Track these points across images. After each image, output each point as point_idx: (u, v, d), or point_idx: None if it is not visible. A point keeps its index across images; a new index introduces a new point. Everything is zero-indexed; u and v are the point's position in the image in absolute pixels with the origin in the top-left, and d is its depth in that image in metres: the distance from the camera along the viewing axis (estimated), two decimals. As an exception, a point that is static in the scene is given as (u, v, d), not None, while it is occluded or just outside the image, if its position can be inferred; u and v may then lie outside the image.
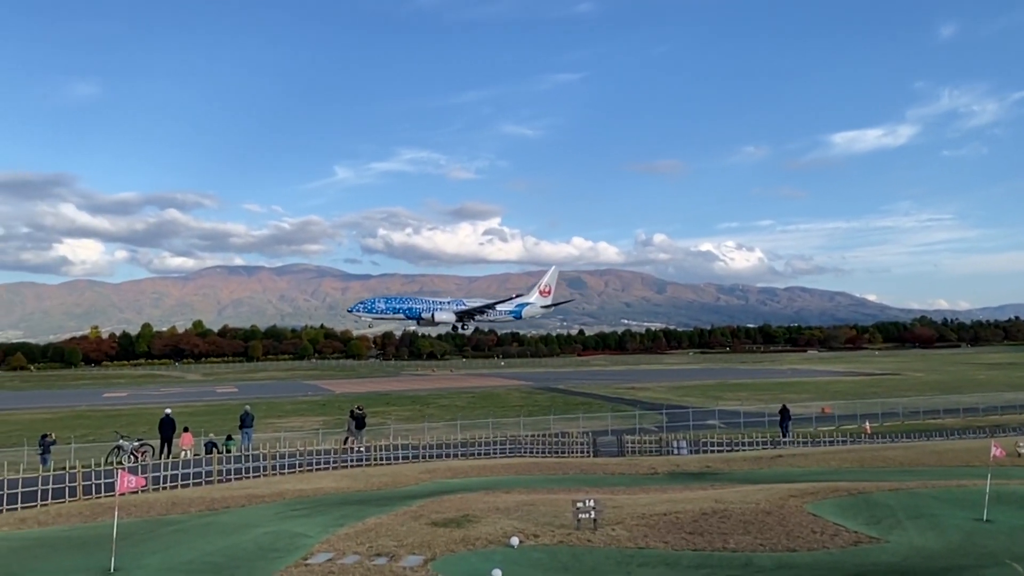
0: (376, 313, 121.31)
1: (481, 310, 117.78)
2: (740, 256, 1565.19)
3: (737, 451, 32.90)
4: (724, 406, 59.28)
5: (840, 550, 10.98)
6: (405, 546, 11.68)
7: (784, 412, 40.93)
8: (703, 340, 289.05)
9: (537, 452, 33.28)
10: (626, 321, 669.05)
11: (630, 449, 35.18)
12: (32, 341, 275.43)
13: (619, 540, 11.64)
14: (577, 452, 34.13)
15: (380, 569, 10.41)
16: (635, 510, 13.86)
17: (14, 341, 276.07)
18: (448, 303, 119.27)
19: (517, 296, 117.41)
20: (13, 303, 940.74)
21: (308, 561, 11.10)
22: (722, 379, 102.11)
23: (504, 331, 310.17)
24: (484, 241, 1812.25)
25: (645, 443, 35.86)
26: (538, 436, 35.15)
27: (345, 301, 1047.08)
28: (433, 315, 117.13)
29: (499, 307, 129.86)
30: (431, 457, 30.55)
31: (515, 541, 11.58)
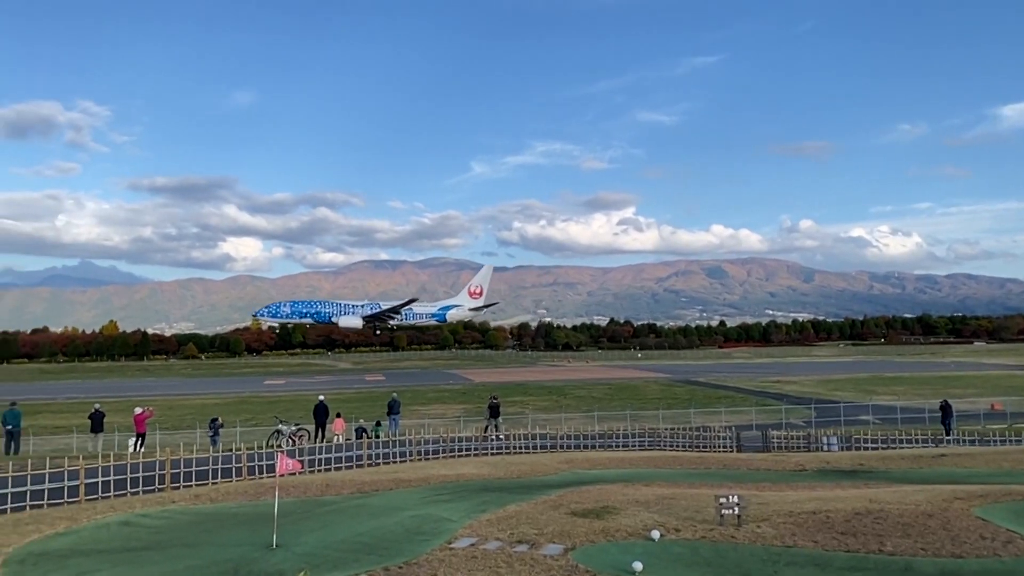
0: (281, 317, 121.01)
1: (390, 314, 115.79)
2: (895, 241, 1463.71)
3: (893, 449, 30.89)
4: (879, 401, 55.80)
5: (1014, 558, 10.07)
6: (545, 534, 11.83)
7: (946, 408, 38.02)
8: (855, 331, 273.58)
9: (677, 445, 32.70)
10: (770, 311, 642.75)
11: (776, 444, 33.86)
12: (202, 332, 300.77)
13: (765, 538, 11.26)
14: (719, 446, 33.22)
15: (521, 556, 10.60)
16: (782, 507, 13.35)
17: (186, 332, 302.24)
18: (362, 306, 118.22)
19: (411, 301, 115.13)
20: (185, 297, 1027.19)
21: (452, 545, 11.47)
22: (876, 372, 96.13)
23: (640, 322, 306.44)
24: (618, 231, 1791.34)
25: (792, 439, 34.40)
26: (678, 429, 34.50)
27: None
28: (339, 320, 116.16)
29: (418, 309, 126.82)
30: (569, 447, 30.68)
31: (656, 534, 11.46)
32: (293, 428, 31.79)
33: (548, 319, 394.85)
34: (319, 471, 22.89)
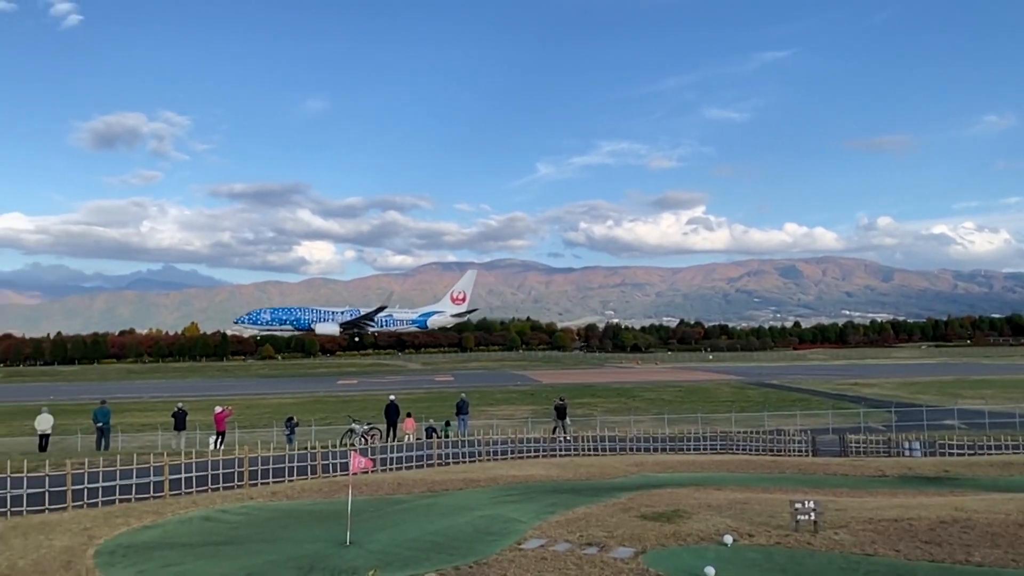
0: (261, 325, 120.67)
1: (366, 321, 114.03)
2: (981, 238, 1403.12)
3: (981, 455, 29.50)
4: (965, 404, 53.38)
5: (1115, 574, 9.50)
6: (615, 537, 11.74)
7: (1040, 413, 36.15)
8: (938, 332, 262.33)
9: (750, 449, 32.02)
10: (847, 312, 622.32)
11: (854, 449, 32.77)
12: (278, 333, 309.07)
13: (843, 545, 10.91)
14: (794, 451, 32.38)
15: (591, 559, 10.55)
16: (861, 514, 12.92)
17: (264, 333, 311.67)
18: (341, 312, 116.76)
19: (381, 309, 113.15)
20: (262, 300, 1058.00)
21: (522, 546, 11.49)
22: (962, 375, 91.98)
23: (711, 323, 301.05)
24: (688, 231, 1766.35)
25: (871, 443, 33.23)
26: (751, 433, 33.77)
27: (549, 294, 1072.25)
28: (316, 327, 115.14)
29: (399, 316, 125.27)
30: (638, 450, 30.39)
31: (728, 539, 11.24)
32: (366, 427, 32.38)
33: (616, 320, 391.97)
34: (390, 470, 23.26)
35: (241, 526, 14.47)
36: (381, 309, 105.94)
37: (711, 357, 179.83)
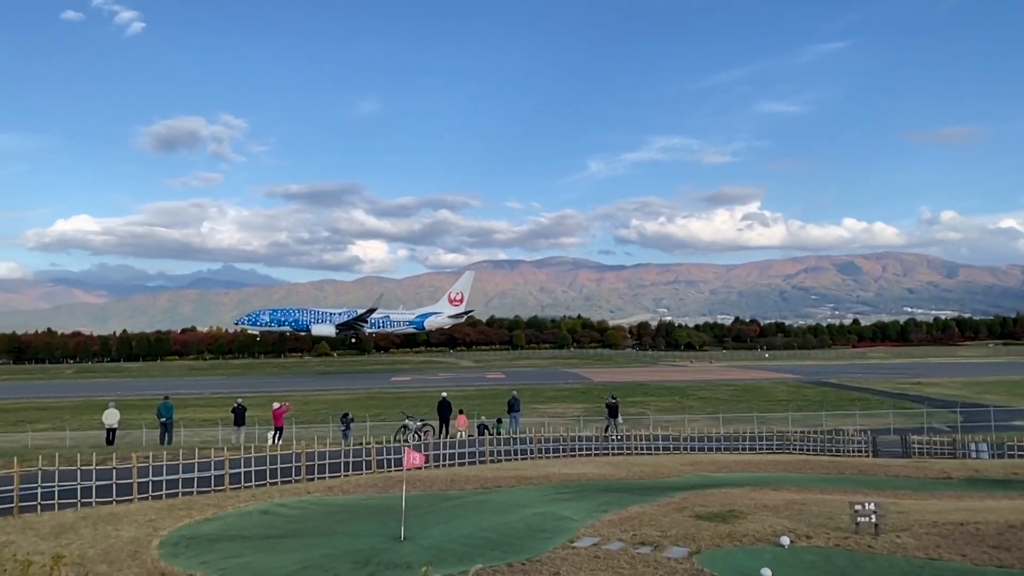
0: (261, 325, 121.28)
1: (359, 323, 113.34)
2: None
3: (1053, 458, 28.38)
4: (1035, 406, 51.37)
5: None
6: (669, 537, 11.64)
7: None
8: (1006, 330, 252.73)
9: (807, 449, 31.37)
10: (909, 309, 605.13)
11: (917, 450, 31.84)
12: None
13: (905, 548, 10.61)
14: (853, 451, 31.62)
15: (644, 558, 10.48)
16: (924, 517, 12.55)
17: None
18: (339, 314, 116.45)
19: (372, 311, 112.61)
20: (318, 298, 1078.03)
21: (574, 544, 11.47)
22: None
23: (767, 321, 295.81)
24: (743, 227, 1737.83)
25: (935, 444, 32.25)
26: (808, 432, 33.08)
27: (600, 292, 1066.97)
28: (312, 328, 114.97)
29: (396, 317, 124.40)
30: (692, 449, 30.05)
31: (785, 541, 11.04)
32: (419, 424, 32.70)
33: (669, 318, 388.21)
34: (443, 466, 23.46)
35: (298, 520, 14.77)
36: (372, 311, 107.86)
37: (767, 355, 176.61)
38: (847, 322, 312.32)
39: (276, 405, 34.73)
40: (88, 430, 43.11)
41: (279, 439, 32.53)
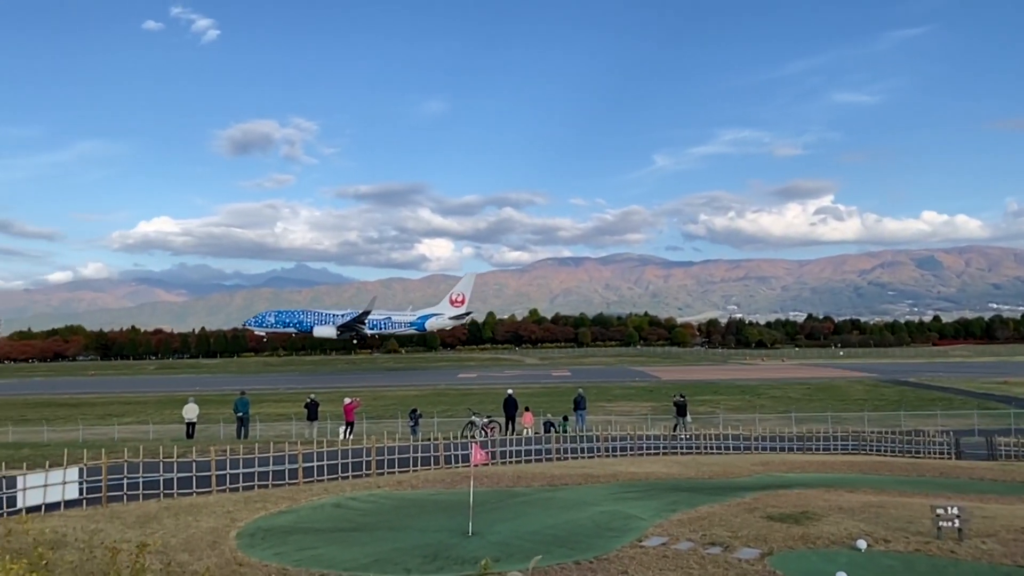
0: (267, 327, 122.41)
1: (357, 324, 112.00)
2: None
3: None
4: None
5: None
6: (740, 538, 11.43)
7: None
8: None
9: (885, 450, 30.33)
10: (995, 305, 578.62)
11: (1004, 453, 30.40)
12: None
13: (991, 555, 10.15)
14: (934, 452, 30.41)
15: (714, 558, 10.32)
16: (1012, 522, 11.99)
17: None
18: (341, 315, 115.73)
19: (365, 313, 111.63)
20: (386, 296, 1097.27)
21: (643, 543, 11.38)
22: None
23: (842, 318, 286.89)
24: (816, 221, 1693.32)
25: (1023, 447, 30.75)
26: (885, 433, 31.97)
27: (667, 289, 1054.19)
28: (314, 330, 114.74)
29: (397, 318, 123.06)
30: (763, 449, 29.41)
31: (862, 544, 10.70)
32: (485, 420, 32.91)
33: (739, 315, 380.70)
34: (510, 463, 23.55)
35: (369, 513, 15.06)
36: (367, 313, 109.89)
37: (841, 353, 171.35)
38: (927, 319, 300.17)
39: (347, 401, 35.46)
40: (170, 424, 44.87)
41: (350, 434, 33.20)
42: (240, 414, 34.71)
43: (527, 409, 35.91)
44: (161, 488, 17.30)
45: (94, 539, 12.02)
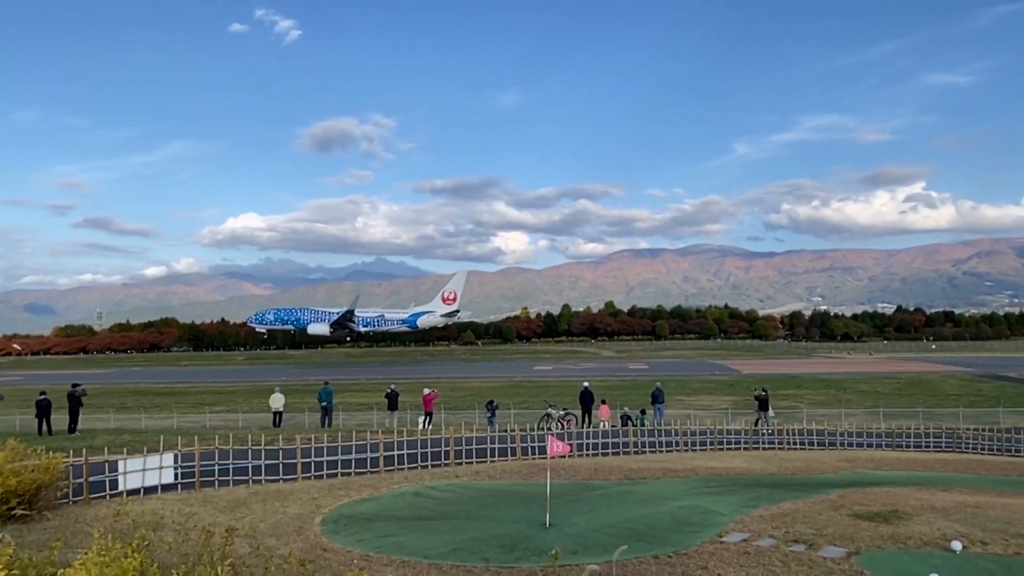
0: (266, 324, 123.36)
1: (346, 322, 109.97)
2: None
3: None
4: None
5: None
6: (824, 536, 11.11)
7: None
8: None
9: (981, 448, 28.86)
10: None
11: (1114, 453, 28.55)
12: (478, 320, 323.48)
13: (1101, 562, 9.57)
14: (1036, 452, 28.80)
15: (798, 556, 10.07)
16: (1125, 528, 11.26)
17: (465, 320, 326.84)
18: (336, 313, 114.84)
19: (349, 311, 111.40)
20: (462, 289, 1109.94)
21: (723, 539, 11.20)
22: None
23: (935, 309, 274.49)
24: (906, 209, 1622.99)
25: None
26: (982, 430, 30.42)
27: (748, 280, 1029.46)
28: (308, 327, 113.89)
29: (389, 316, 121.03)
30: (850, 445, 28.45)
31: (957, 546, 10.25)
32: (561, 412, 32.91)
33: (824, 307, 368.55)
34: (587, 455, 23.51)
35: (448, 502, 15.30)
36: (350, 312, 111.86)
37: (934, 347, 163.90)
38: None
39: (426, 391, 36.04)
40: (257, 412, 46.53)
41: (429, 424, 33.74)
42: (324, 403, 35.72)
43: (603, 402, 35.71)
44: (250, 474, 17.98)
45: (188, 522, 12.60)
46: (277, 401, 36.28)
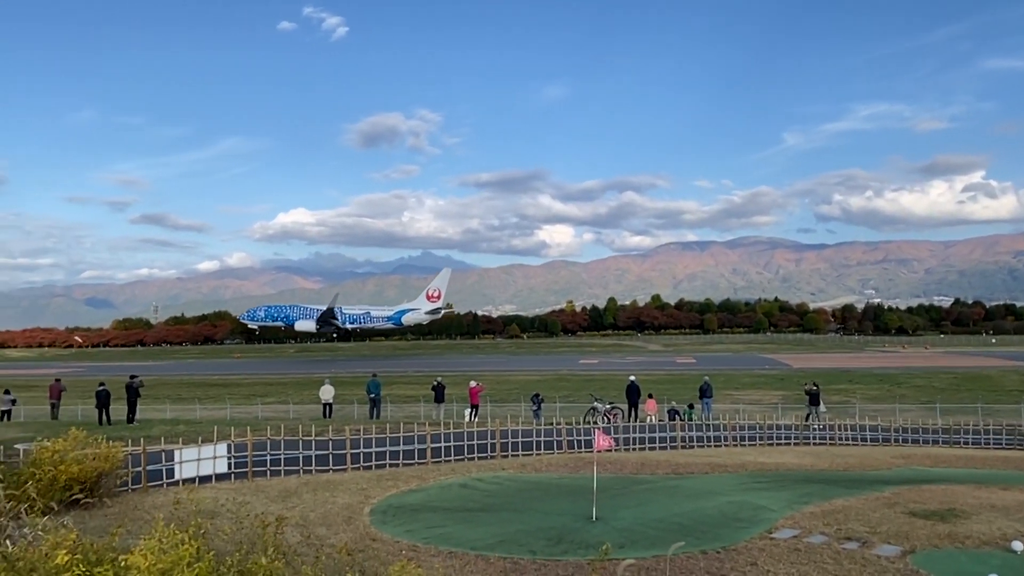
0: (257, 321, 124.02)
1: (330, 319, 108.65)
2: None
3: None
4: None
5: None
6: (878, 534, 10.89)
7: None
8: None
9: (1045, 446, 27.91)
10: None
11: None
12: (522, 314, 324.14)
13: None
14: (1104, 450, 27.72)
15: (851, 554, 9.88)
16: None
17: (510, 314, 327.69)
18: (320, 310, 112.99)
19: (329, 310, 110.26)
20: (507, 282, 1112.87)
21: (773, 535, 11.05)
22: None
23: (995, 302, 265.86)
24: (964, 199, 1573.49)
25: None
26: (1046, 427, 29.42)
27: (799, 273, 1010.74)
28: (296, 324, 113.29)
29: (375, 313, 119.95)
30: (905, 441, 27.79)
31: (1018, 546, 9.94)
32: (608, 406, 32.74)
33: (877, 300, 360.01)
34: (633, 450, 23.39)
35: (494, 494, 15.38)
36: (330, 310, 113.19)
37: (994, 341, 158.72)
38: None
39: (473, 384, 36.26)
40: (308, 404, 47.32)
41: (475, 417, 33.94)
42: (372, 395, 36.17)
43: (650, 396, 35.44)
44: (301, 465, 18.33)
45: (242, 511, 12.89)
46: (327, 393, 36.86)
